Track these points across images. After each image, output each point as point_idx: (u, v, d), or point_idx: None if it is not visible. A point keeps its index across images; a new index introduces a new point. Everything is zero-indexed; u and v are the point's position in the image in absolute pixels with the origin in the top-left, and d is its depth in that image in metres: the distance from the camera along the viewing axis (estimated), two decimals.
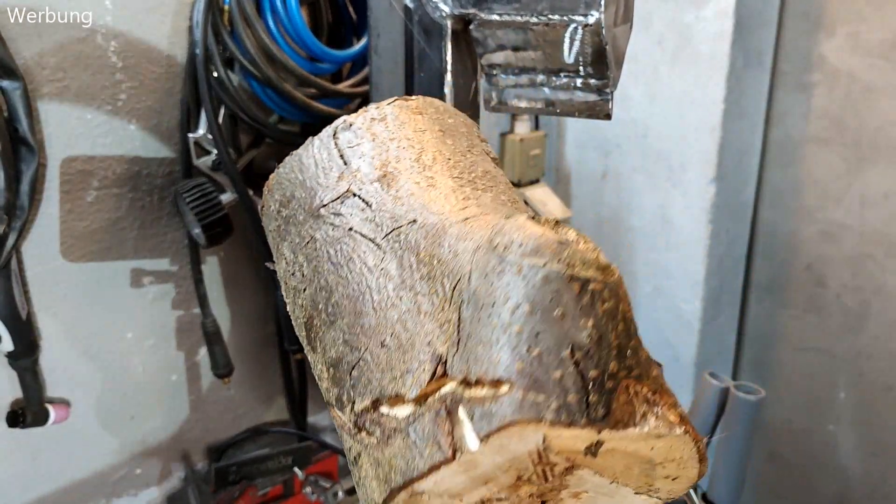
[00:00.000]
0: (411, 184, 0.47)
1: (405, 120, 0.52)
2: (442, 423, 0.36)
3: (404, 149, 0.49)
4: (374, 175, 0.48)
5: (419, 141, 0.50)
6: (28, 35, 0.85)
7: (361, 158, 0.50)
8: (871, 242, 1.28)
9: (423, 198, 0.46)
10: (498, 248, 0.37)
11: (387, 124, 0.51)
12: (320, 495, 1.19)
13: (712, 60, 1.20)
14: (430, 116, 0.53)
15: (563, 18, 0.62)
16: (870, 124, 1.24)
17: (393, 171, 0.48)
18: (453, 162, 0.50)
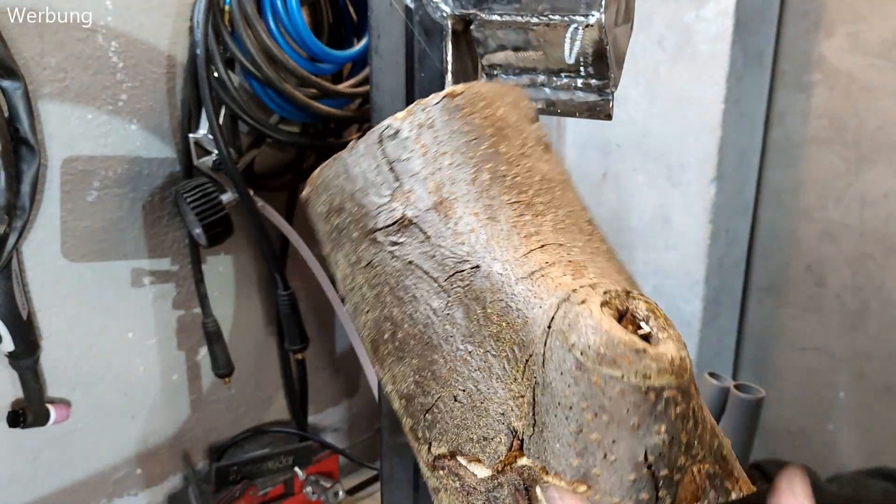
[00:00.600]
0: (470, 216, 0.44)
1: (455, 127, 0.47)
2: (521, 497, 0.39)
3: (458, 167, 0.46)
4: (430, 201, 0.45)
5: (473, 156, 0.46)
6: (29, 35, 0.85)
7: (414, 178, 0.46)
8: (871, 242, 1.28)
9: (485, 235, 0.44)
10: (574, 349, 0.37)
11: (436, 133, 0.47)
12: (321, 495, 1.19)
13: (712, 60, 1.21)
14: (481, 115, 0.48)
15: (564, 19, 0.63)
16: (870, 124, 1.24)
17: (449, 196, 0.45)
18: (510, 179, 0.46)
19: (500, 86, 0.49)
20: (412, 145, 0.46)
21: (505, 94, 0.50)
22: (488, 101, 0.48)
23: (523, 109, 0.51)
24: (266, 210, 1.10)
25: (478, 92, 0.48)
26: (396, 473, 0.93)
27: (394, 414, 0.65)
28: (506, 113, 0.48)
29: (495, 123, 0.47)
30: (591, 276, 0.41)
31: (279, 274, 1.12)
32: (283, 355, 1.27)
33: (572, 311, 0.37)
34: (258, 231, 1.07)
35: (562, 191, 0.48)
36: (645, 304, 0.38)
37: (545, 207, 0.45)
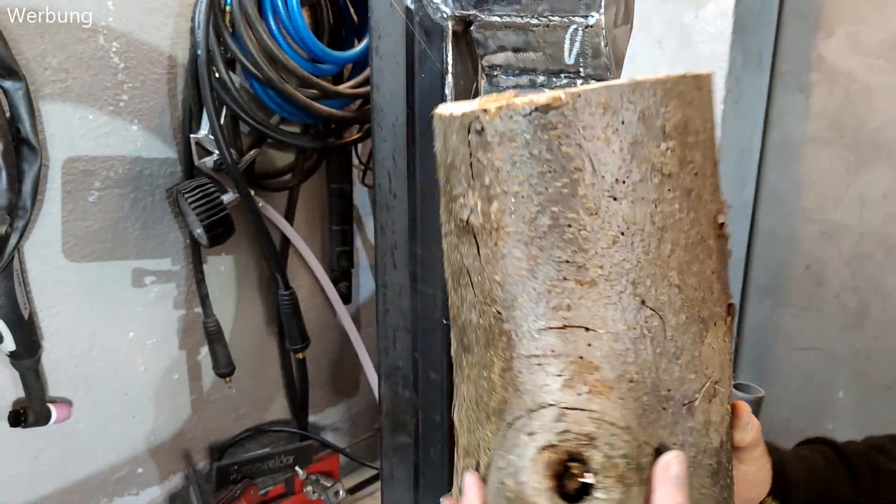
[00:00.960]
0: (514, 260, 0.40)
1: (536, 151, 0.39)
2: None
3: (522, 199, 0.40)
4: (487, 222, 0.41)
5: (542, 192, 0.39)
6: (30, 35, 0.86)
7: (483, 188, 0.41)
8: (870, 242, 1.28)
9: (517, 289, 0.41)
10: (503, 487, 0.39)
11: (514, 150, 0.40)
12: (321, 494, 1.20)
13: (711, 61, 1.21)
14: (574, 139, 0.38)
15: (564, 20, 0.63)
16: (869, 124, 1.25)
17: (503, 227, 0.41)
18: (571, 232, 0.39)
19: (628, 90, 0.38)
20: (489, 153, 0.40)
21: (635, 104, 0.39)
22: (590, 123, 0.38)
23: (657, 126, 0.39)
24: (267, 210, 1.10)
25: (583, 105, 0.38)
26: (397, 473, 0.93)
27: (394, 413, 0.65)
28: (619, 141, 0.39)
29: (589, 153, 0.38)
30: (581, 390, 0.39)
31: (280, 274, 1.12)
32: (283, 355, 1.27)
33: (515, 441, 0.39)
34: (259, 231, 1.07)
35: (651, 245, 0.40)
36: (602, 457, 0.37)
37: (600, 274, 0.39)
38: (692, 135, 0.40)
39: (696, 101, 0.40)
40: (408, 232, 0.80)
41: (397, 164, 0.79)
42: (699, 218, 0.41)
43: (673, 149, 0.39)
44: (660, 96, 0.38)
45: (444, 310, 0.79)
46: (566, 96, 0.38)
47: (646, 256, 0.39)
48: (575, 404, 0.39)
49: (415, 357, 0.84)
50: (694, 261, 0.41)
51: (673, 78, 0.39)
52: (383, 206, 0.82)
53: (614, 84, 0.38)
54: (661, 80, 0.39)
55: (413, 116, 0.75)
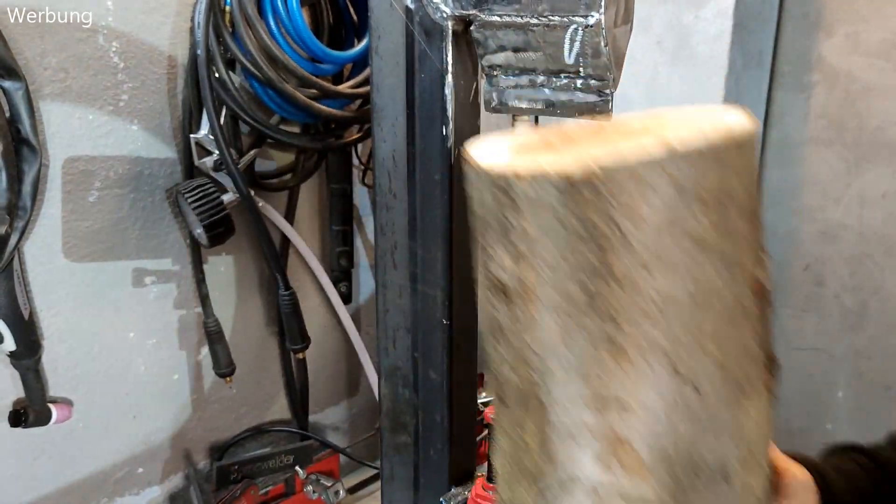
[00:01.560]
0: (546, 325, 0.39)
1: (565, 221, 0.37)
2: None
3: (550, 267, 0.38)
4: (519, 285, 0.40)
5: (572, 260, 0.38)
6: (30, 35, 0.86)
7: (513, 248, 0.40)
8: (869, 242, 1.28)
9: (551, 360, 0.40)
10: None
11: (542, 218, 0.38)
12: (321, 494, 1.20)
13: (711, 61, 1.21)
14: (604, 212, 0.37)
15: (564, 19, 0.63)
16: (869, 124, 1.25)
17: (533, 291, 0.40)
18: (602, 301, 0.38)
19: (664, 161, 0.37)
20: (519, 217, 0.39)
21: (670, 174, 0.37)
22: (622, 195, 0.36)
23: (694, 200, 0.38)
24: (267, 210, 1.10)
25: (616, 177, 0.37)
26: (396, 472, 0.93)
27: (393, 413, 0.65)
28: (653, 212, 0.37)
29: (620, 225, 0.37)
30: (614, 467, 0.38)
31: (280, 274, 1.12)
32: (284, 355, 1.27)
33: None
34: (259, 231, 1.07)
35: (685, 316, 0.38)
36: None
37: (633, 346, 0.38)
38: (730, 199, 0.39)
39: (735, 164, 0.38)
40: (408, 232, 0.80)
41: (397, 163, 0.79)
42: (736, 282, 0.40)
43: (709, 216, 0.38)
44: (696, 165, 0.37)
45: (444, 310, 0.79)
46: (599, 169, 0.36)
47: (680, 327, 0.38)
48: (607, 482, 0.38)
49: (415, 357, 0.84)
50: (730, 326, 0.40)
51: (711, 143, 0.37)
52: (383, 206, 0.82)
53: (653, 156, 0.37)
54: (699, 147, 0.37)
55: (413, 116, 0.75)
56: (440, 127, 0.73)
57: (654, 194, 0.36)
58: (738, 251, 0.40)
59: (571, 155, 0.38)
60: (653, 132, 0.40)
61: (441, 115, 0.73)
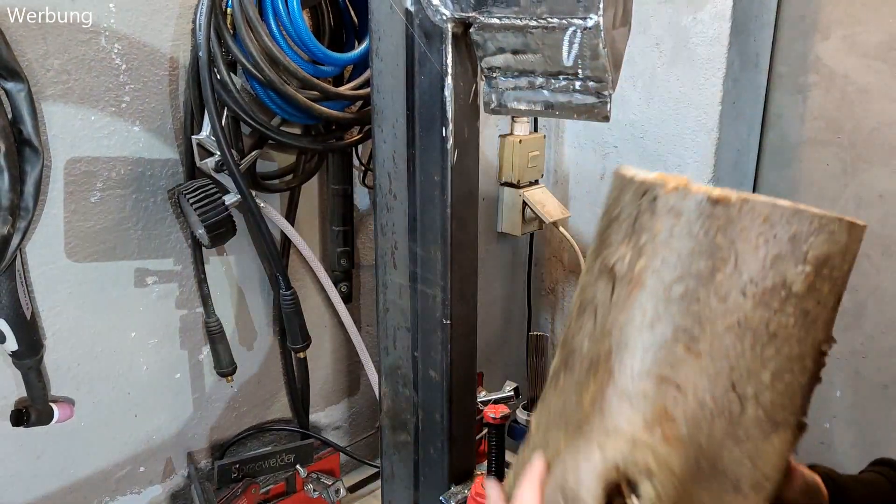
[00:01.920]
0: (639, 312, 0.47)
1: (692, 231, 0.45)
2: None
3: (665, 264, 0.46)
4: (628, 274, 0.48)
5: (684, 265, 0.45)
6: (32, 37, 0.86)
7: (635, 246, 0.48)
8: (866, 243, 1.29)
9: (629, 339, 0.47)
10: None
11: (674, 225, 0.46)
12: (322, 492, 1.20)
13: (709, 62, 1.22)
14: (725, 232, 0.45)
15: (562, 22, 0.63)
16: (865, 125, 1.25)
17: (641, 281, 0.47)
18: (696, 304, 0.45)
19: (789, 212, 0.44)
20: (654, 219, 0.47)
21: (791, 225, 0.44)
22: (748, 226, 0.44)
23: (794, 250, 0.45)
24: (268, 211, 1.11)
25: (748, 210, 0.44)
26: (397, 471, 0.93)
27: (394, 412, 0.67)
28: (766, 250, 0.45)
29: (737, 250, 0.44)
30: (656, 433, 0.44)
31: (281, 274, 1.13)
32: (284, 354, 1.28)
33: (588, 450, 0.46)
34: (260, 231, 1.07)
35: (758, 344, 0.45)
36: (652, 491, 0.43)
37: (707, 350, 0.45)
38: (829, 268, 0.45)
39: (843, 243, 0.46)
40: (408, 232, 0.80)
41: (397, 165, 0.79)
42: (807, 339, 0.46)
43: (807, 273, 0.45)
44: (815, 227, 0.44)
45: (443, 309, 0.79)
46: (736, 198, 0.44)
47: (750, 351, 0.45)
48: (648, 441, 0.44)
49: (415, 356, 0.84)
50: (788, 371, 0.46)
51: (831, 217, 0.45)
52: (383, 206, 0.83)
53: (780, 203, 0.44)
54: (820, 215, 0.44)
55: (413, 118, 0.76)
56: (440, 128, 0.74)
57: (773, 237, 0.44)
58: (818, 315, 0.47)
59: (711, 188, 0.46)
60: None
61: (441, 117, 0.74)
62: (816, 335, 0.47)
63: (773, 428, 0.47)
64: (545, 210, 1.47)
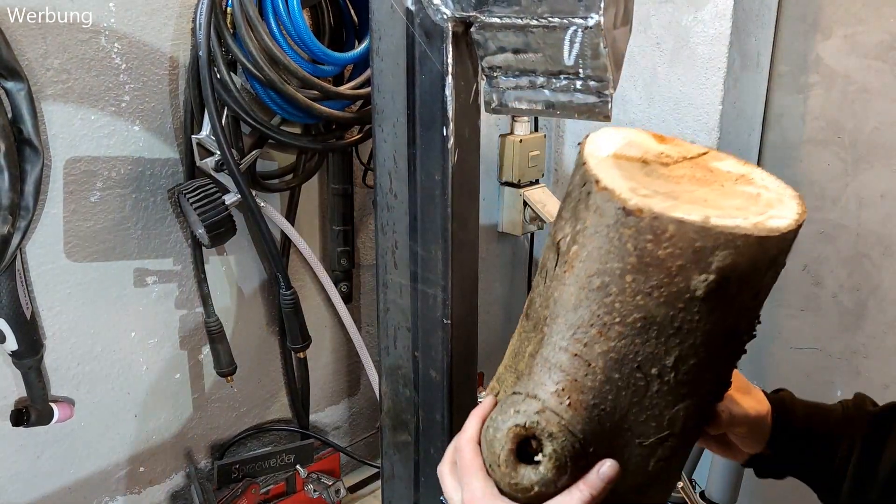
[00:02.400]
0: (568, 292, 0.53)
1: (608, 234, 0.50)
2: None
3: (593, 256, 0.51)
4: (565, 251, 0.54)
5: (606, 262, 0.50)
6: (32, 37, 0.86)
7: (572, 223, 0.53)
8: (867, 242, 1.29)
9: (558, 313, 0.54)
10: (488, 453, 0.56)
11: (598, 224, 0.51)
12: (322, 493, 1.20)
13: (710, 62, 1.21)
14: (636, 243, 0.49)
15: (563, 21, 0.63)
16: (866, 125, 1.25)
17: (573, 261, 0.53)
18: (611, 299, 0.50)
19: (697, 228, 0.48)
20: (587, 212, 0.52)
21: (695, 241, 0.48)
22: (655, 237, 0.48)
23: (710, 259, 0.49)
24: (268, 210, 1.11)
25: (656, 223, 0.48)
26: (397, 471, 0.93)
27: (394, 412, 0.71)
28: (671, 259, 0.48)
29: (644, 256, 0.49)
30: (564, 400, 0.52)
31: (281, 273, 1.13)
32: (284, 354, 1.28)
33: (507, 408, 0.54)
34: (260, 231, 1.07)
35: (662, 337, 0.51)
36: (552, 449, 0.51)
37: (617, 336, 0.51)
38: (736, 275, 0.48)
39: (751, 254, 0.48)
40: (408, 232, 0.80)
41: (398, 164, 0.79)
42: (715, 331, 0.51)
43: (711, 281, 0.48)
44: (719, 242, 0.47)
45: (444, 309, 0.79)
46: (647, 212, 0.48)
47: (655, 340, 0.50)
48: (554, 408, 0.52)
49: (415, 356, 0.84)
50: (693, 357, 0.51)
51: (738, 234, 0.47)
52: (384, 206, 0.82)
53: (687, 220, 0.47)
54: (728, 230, 0.47)
55: (413, 117, 0.76)
56: (440, 128, 0.74)
57: (678, 249, 0.48)
58: (728, 313, 0.51)
59: (650, 180, 0.52)
60: (728, 189, 0.53)
61: (441, 117, 0.73)
62: (727, 327, 0.52)
63: (679, 399, 0.53)
64: (545, 210, 1.47)
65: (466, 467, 0.55)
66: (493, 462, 0.54)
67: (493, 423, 0.55)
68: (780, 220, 0.49)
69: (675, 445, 0.55)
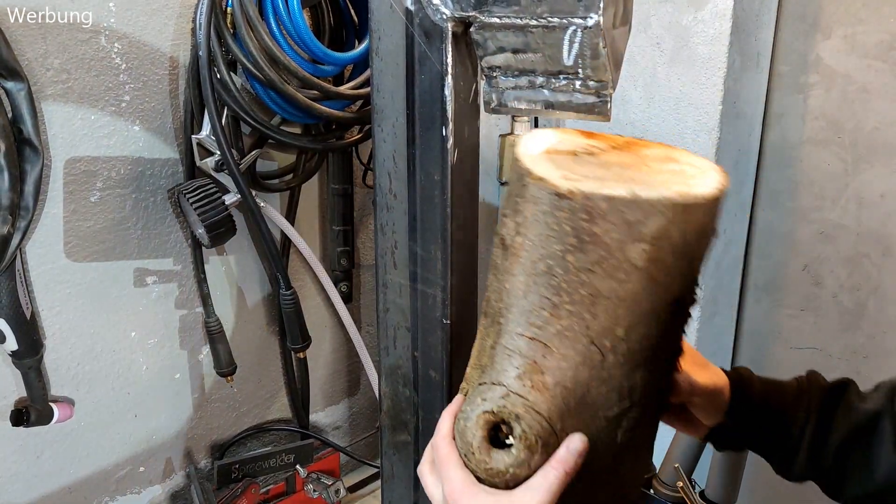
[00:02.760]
0: (517, 280, 0.56)
1: (547, 218, 0.53)
2: None
3: (535, 242, 0.55)
4: (506, 241, 0.58)
5: (546, 247, 0.54)
6: (32, 37, 0.86)
7: (511, 213, 0.57)
8: (867, 242, 1.29)
9: (511, 302, 0.57)
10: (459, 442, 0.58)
11: (536, 208, 0.54)
12: (322, 492, 1.20)
13: (710, 62, 1.21)
14: (573, 223, 0.52)
15: (563, 21, 0.63)
16: (866, 125, 1.25)
17: (514, 249, 0.57)
18: (558, 280, 0.54)
19: (625, 202, 0.51)
20: (524, 202, 0.55)
21: (624, 213, 0.52)
22: (589, 216, 0.52)
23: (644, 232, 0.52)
24: (268, 210, 1.11)
25: (588, 204, 0.51)
26: (397, 471, 0.93)
27: (394, 412, 0.72)
28: (605, 234, 0.52)
29: (581, 235, 0.52)
30: (526, 383, 0.55)
31: (281, 273, 1.13)
32: (284, 354, 1.28)
33: (474, 398, 0.57)
34: (260, 231, 1.07)
35: (609, 308, 0.54)
36: (521, 431, 0.54)
37: (567, 315, 0.54)
38: (667, 242, 0.53)
39: (678, 220, 0.52)
40: (408, 232, 0.80)
41: (397, 164, 0.79)
42: (658, 298, 0.54)
43: (646, 250, 0.52)
44: (649, 212, 0.51)
45: (443, 309, 0.79)
46: (578, 193, 0.51)
47: (604, 313, 0.53)
48: (518, 391, 0.55)
49: (415, 356, 0.84)
50: (642, 325, 0.54)
51: (665, 203, 0.51)
52: (383, 206, 0.82)
53: (616, 195, 0.51)
54: (654, 200, 0.51)
55: (413, 117, 0.76)
56: (440, 128, 0.74)
57: (611, 224, 0.52)
58: (667, 279, 0.54)
59: (580, 168, 0.55)
60: (654, 168, 0.57)
61: (441, 116, 0.73)
62: (669, 294, 0.55)
63: (635, 368, 0.56)
64: None
65: (443, 461, 0.57)
66: (467, 452, 0.56)
67: (462, 414, 0.57)
68: (703, 188, 0.53)
69: (638, 416, 0.57)
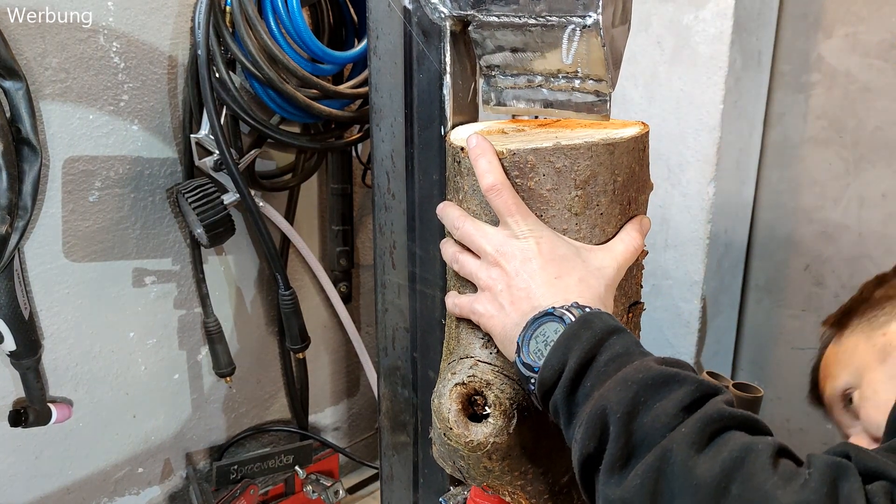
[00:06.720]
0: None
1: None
2: None
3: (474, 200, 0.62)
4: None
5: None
6: (31, 36, 0.86)
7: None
8: (869, 242, 1.28)
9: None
10: (437, 418, 0.60)
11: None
12: (321, 494, 1.20)
13: (711, 61, 1.21)
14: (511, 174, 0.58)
15: (562, 20, 0.63)
16: (868, 124, 1.25)
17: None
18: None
19: (549, 152, 0.56)
20: (461, 179, 0.62)
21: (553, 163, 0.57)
22: (521, 173, 0.57)
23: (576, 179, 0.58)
24: (267, 210, 1.11)
25: (517, 160, 0.56)
26: (396, 472, 0.93)
27: (393, 413, 0.74)
28: (539, 185, 0.58)
29: (519, 194, 0.58)
30: (493, 350, 0.59)
31: (280, 273, 1.12)
32: (283, 355, 1.27)
33: (445, 375, 0.60)
34: (259, 231, 1.07)
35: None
36: (493, 397, 0.56)
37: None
38: (600, 186, 0.58)
39: (606, 162, 0.57)
40: (406, 232, 0.80)
41: (396, 164, 0.79)
42: (594, 234, 0.59)
43: (580, 196, 0.57)
44: (573, 158, 0.56)
45: (442, 309, 0.79)
46: (506, 152, 0.57)
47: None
48: (485, 359, 0.59)
49: (414, 357, 0.84)
50: None
51: (588, 145, 0.57)
52: (382, 205, 0.82)
53: (541, 147, 0.57)
54: (576, 145, 0.56)
55: (411, 117, 0.76)
56: (438, 127, 0.74)
57: (542, 176, 0.57)
58: (605, 223, 0.59)
59: (508, 141, 0.59)
60: (579, 129, 0.63)
61: (439, 116, 0.73)
62: (604, 229, 0.59)
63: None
64: None
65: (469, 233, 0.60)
66: (445, 430, 0.56)
67: (436, 394, 0.58)
68: (625, 133, 0.58)
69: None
